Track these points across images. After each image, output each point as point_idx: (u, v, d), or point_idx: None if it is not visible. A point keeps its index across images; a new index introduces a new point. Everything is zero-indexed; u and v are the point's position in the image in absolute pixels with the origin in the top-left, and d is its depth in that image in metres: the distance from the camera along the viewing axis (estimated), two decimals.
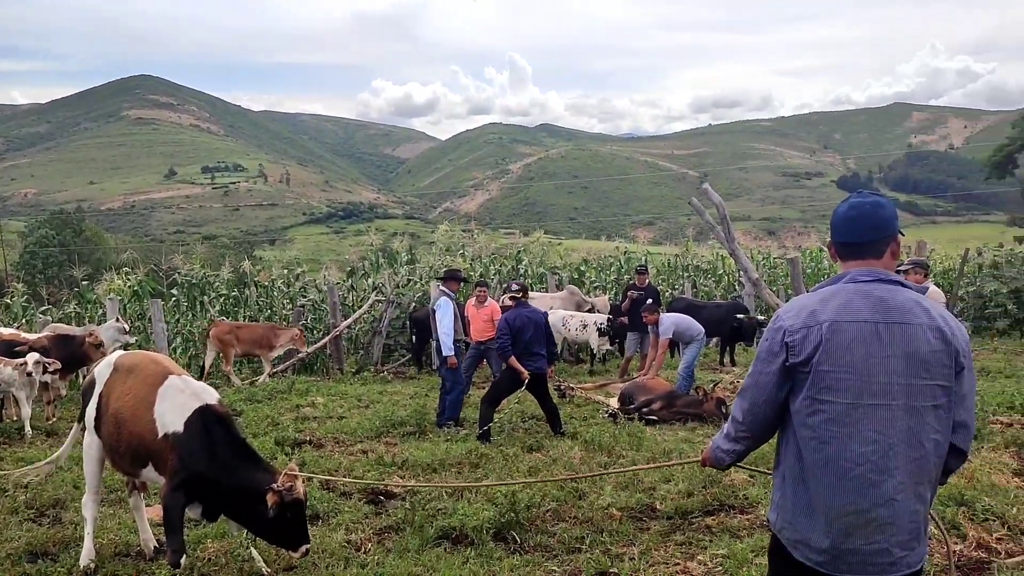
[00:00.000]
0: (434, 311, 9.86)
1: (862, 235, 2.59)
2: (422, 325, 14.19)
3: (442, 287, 10.01)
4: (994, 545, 5.00)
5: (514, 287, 9.19)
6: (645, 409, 9.52)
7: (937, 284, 18.91)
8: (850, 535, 2.45)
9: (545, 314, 9.11)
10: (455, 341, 9.56)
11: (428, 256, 20.50)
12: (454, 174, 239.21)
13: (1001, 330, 17.48)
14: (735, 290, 20.26)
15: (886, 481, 2.43)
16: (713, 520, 5.66)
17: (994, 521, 5.39)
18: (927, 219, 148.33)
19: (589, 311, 15.01)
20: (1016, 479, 6.41)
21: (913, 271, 7.84)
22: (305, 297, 17.55)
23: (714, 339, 15.05)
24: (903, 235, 2.69)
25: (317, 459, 7.56)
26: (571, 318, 14.41)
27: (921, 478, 2.48)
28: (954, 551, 4.87)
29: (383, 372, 14.53)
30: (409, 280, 18.04)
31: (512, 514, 5.47)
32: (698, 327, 10.79)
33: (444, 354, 9.45)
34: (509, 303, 9.21)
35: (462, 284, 10.80)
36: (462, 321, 10.22)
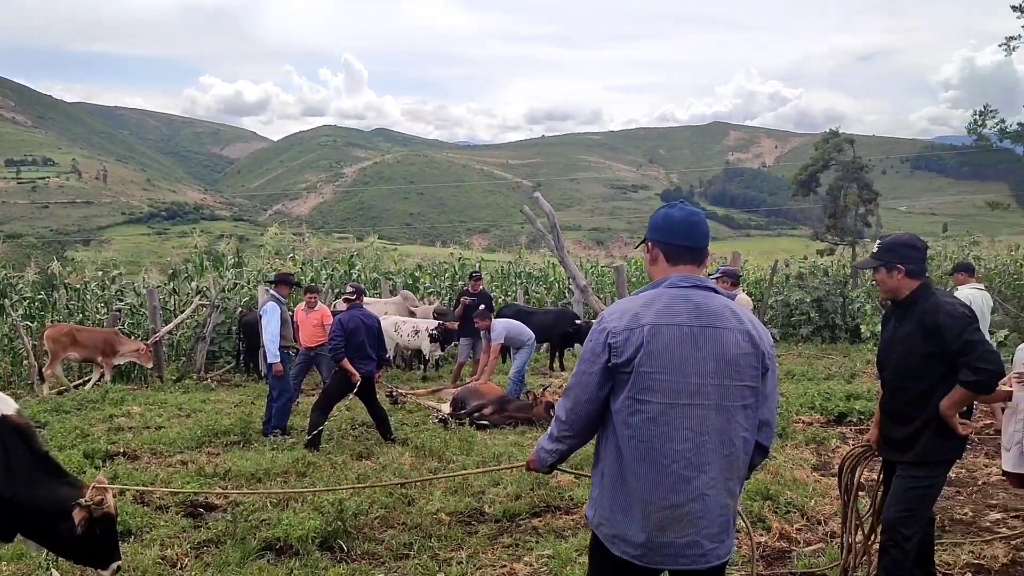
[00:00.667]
0: (261, 316, 9.54)
1: (699, 241, 2.71)
2: (249, 330, 13.69)
3: (271, 291, 9.69)
4: (794, 535, 5.37)
5: (349, 289, 9.07)
6: (477, 414, 9.60)
7: (749, 293, 20.23)
8: (665, 529, 2.55)
9: (377, 319, 9.01)
10: (283, 347, 9.27)
11: (256, 259, 19.83)
12: (286, 176, 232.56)
13: (805, 336, 18.85)
14: (565, 297, 20.80)
15: (699, 477, 2.55)
16: (540, 521, 5.76)
17: (795, 513, 5.80)
18: (742, 232, 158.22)
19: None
20: (815, 473, 6.91)
21: (722, 280, 8.32)
22: (122, 301, 16.52)
23: (544, 344, 15.39)
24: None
25: (131, 472, 7.10)
26: (403, 324, 14.33)
27: (731, 474, 2.61)
28: (758, 543, 5.20)
29: (206, 379, 13.88)
30: (236, 284, 17.36)
31: (339, 522, 5.36)
32: (529, 333, 11.00)
33: (269, 361, 9.14)
34: (343, 306, 9.07)
35: (292, 289, 10.50)
36: (292, 327, 9.93)
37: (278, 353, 9.11)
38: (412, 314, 15.39)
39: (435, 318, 14.37)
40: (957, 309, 3.77)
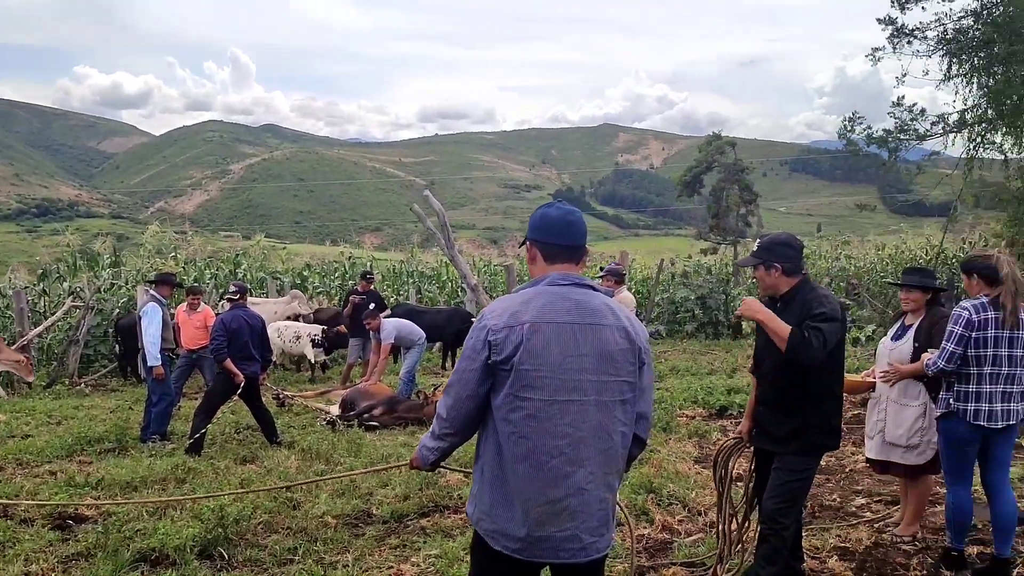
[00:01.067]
0: (140, 317, 9.16)
1: (576, 239, 2.76)
2: (128, 333, 13.11)
3: (152, 292, 9.32)
4: (676, 527, 5.54)
5: (232, 288, 8.83)
6: (366, 415, 9.50)
7: (637, 291, 20.72)
8: (544, 523, 2.59)
9: (261, 318, 8.79)
10: (164, 350, 8.94)
11: (135, 259, 19.01)
12: (169, 172, 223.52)
13: (690, 332, 19.44)
14: (458, 296, 20.82)
15: (577, 472, 2.60)
16: (428, 521, 5.75)
17: (677, 504, 5.98)
18: (631, 232, 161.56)
19: (296, 318, 14.70)
20: (697, 466, 7.14)
21: (607, 278, 8.51)
22: None
23: (437, 343, 15.35)
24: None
25: None
26: (285, 329, 14.06)
27: (610, 468, 2.68)
28: (641, 535, 5.34)
29: (80, 385, 13.25)
30: (113, 284, 16.61)
31: (220, 529, 5.20)
32: (419, 332, 10.95)
33: (150, 364, 8.79)
34: (227, 305, 8.81)
35: (174, 290, 10.12)
36: (172, 328, 9.58)
37: (159, 356, 8.78)
38: (299, 315, 15.10)
39: (322, 323, 14.15)
40: (830, 302, 3.97)
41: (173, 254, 19.58)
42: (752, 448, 4.44)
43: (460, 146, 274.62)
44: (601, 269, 9.54)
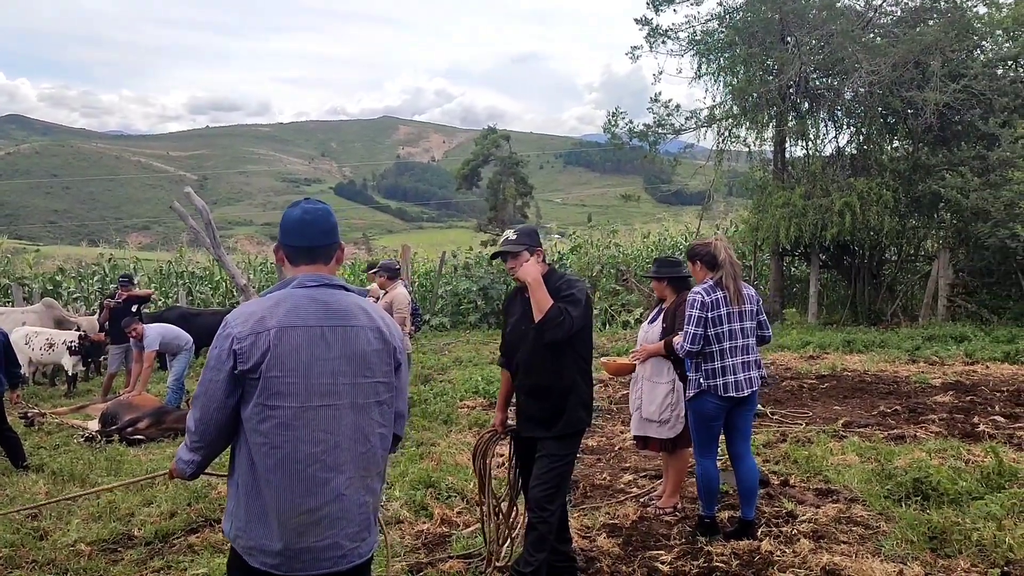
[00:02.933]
0: None
1: (316, 239, 2.65)
2: None
3: None
4: (455, 519, 5.58)
5: None
6: (130, 428, 8.85)
7: (421, 284, 20.78)
8: (303, 534, 2.49)
9: (4, 332, 7.87)
10: None
11: None
12: None
13: (473, 323, 19.77)
14: (234, 296, 19.90)
15: (335, 478, 2.52)
16: (197, 538, 5.42)
17: (456, 497, 6.03)
18: (415, 225, 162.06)
19: (77, 330, 13.45)
20: None
21: (379, 274, 8.46)
22: None
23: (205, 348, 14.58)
24: (342, 245, 2.83)
25: None
26: (35, 336, 12.77)
27: (369, 471, 2.61)
28: (420, 531, 5.33)
29: None
30: None
31: None
32: (186, 336, 10.34)
33: None
34: None
35: None
36: None
37: None
38: (60, 324, 13.81)
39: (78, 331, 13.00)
40: (578, 285, 4.19)
41: None
42: (509, 439, 4.56)
43: (234, 139, 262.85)
44: (371, 266, 9.47)
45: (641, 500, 5.89)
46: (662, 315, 5.50)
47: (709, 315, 4.71)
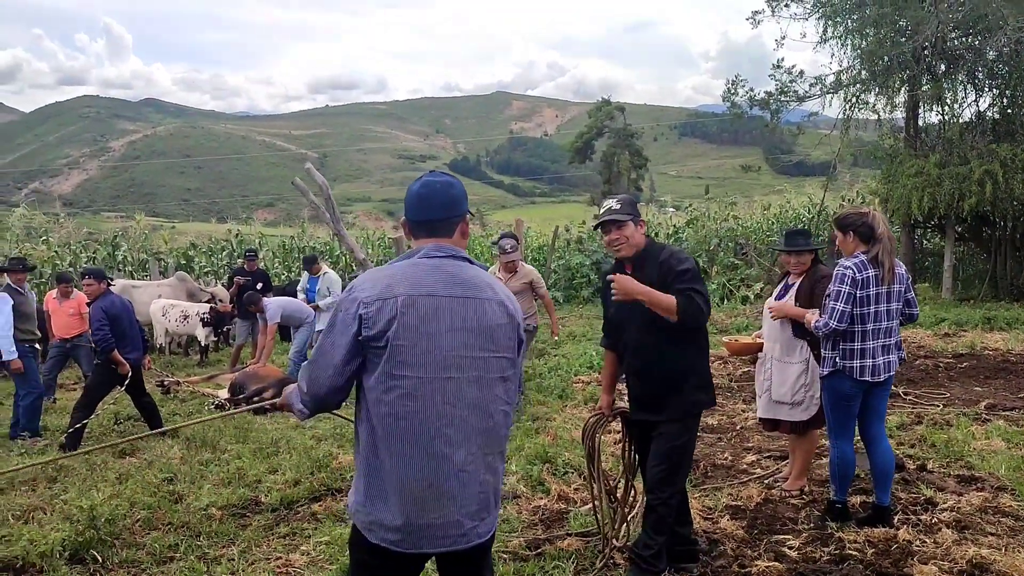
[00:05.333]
0: None
1: (433, 213, 2.59)
2: None
3: (9, 280, 8.70)
4: (572, 496, 5.51)
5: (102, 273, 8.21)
6: (256, 398, 9.18)
7: (534, 259, 20.76)
8: (423, 509, 2.44)
9: (129, 303, 8.26)
10: (24, 341, 8.33)
11: (1, 243, 17.86)
12: (43, 151, 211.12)
13: (586, 298, 19.62)
14: (353, 271, 20.40)
15: (457, 453, 2.46)
16: (319, 506, 5.55)
17: (572, 473, 5.96)
18: (527, 200, 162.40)
19: (209, 301, 14.09)
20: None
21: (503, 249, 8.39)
22: None
23: None
24: (472, 215, 2.77)
25: None
26: (172, 308, 13.42)
27: (491, 448, 2.54)
28: (536, 506, 5.29)
29: None
30: None
31: (92, 531, 4.88)
32: (307, 309, 10.63)
33: (4, 358, 8.12)
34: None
35: (28, 274, 9.45)
36: (36, 318, 8.98)
37: (14, 349, 8.13)
38: (192, 297, 14.48)
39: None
40: (684, 253, 3.99)
41: (44, 238, 18.46)
42: (619, 419, 4.43)
43: (352, 117, 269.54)
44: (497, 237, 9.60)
45: (766, 482, 5.66)
46: (794, 290, 5.16)
47: (858, 293, 4.37)
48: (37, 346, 8.93)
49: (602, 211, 4.23)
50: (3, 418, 8.66)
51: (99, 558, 4.74)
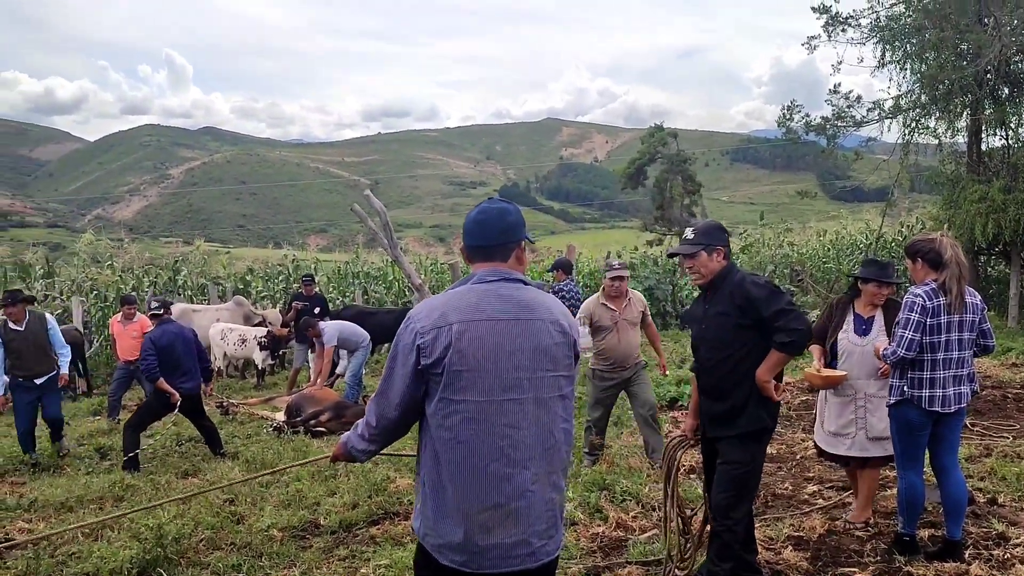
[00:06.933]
0: None
1: (489, 239, 2.65)
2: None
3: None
4: (631, 523, 5.46)
5: (153, 304, 8.37)
6: (313, 421, 9.29)
7: (585, 285, 20.73)
8: (490, 531, 2.47)
9: (193, 331, 8.45)
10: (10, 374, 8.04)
11: (70, 268, 18.41)
12: (106, 178, 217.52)
13: None
14: (406, 296, 20.57)
15: (521, 473, 2.49)
16: (378, 530, 5.59)
17: (631, 500, 5.90)
18: (577, 225, 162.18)
19: (260, 324, 14.37)
20: (649, 460, 7.07)
21: (557, 272, 8.45)
22: None
23: (387, 344, 15.11)
24: (532, 241, 2.81)
25: None
26: (230, 332, 13.68)
27: (554, 467, 2.58)
28: (595, 533, 5.25)
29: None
30: (47, 296, 16.07)
31: (159, 549, 4.98)
32: (363, 334, 10.74)
33: None
34: (150, 323, 8.44)
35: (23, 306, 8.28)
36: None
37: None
38: (249, 320, 14.75)
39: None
40: (761, 279, 4.00)
41: (109, 262, 18.98)
42: (697, 447, 4.40)
43: (404, 144, 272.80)
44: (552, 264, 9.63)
45: (829, 513, 5.54)
46: (879, 324, 5.04)
47: (928, 321, 4.30)
48: (37, 380, 8.14)
49: (681, 238, 4.32)
50: (71, 438, 8.85)
51: None
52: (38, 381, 8.10)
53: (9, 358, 8.01)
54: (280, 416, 9.75)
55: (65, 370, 8.38)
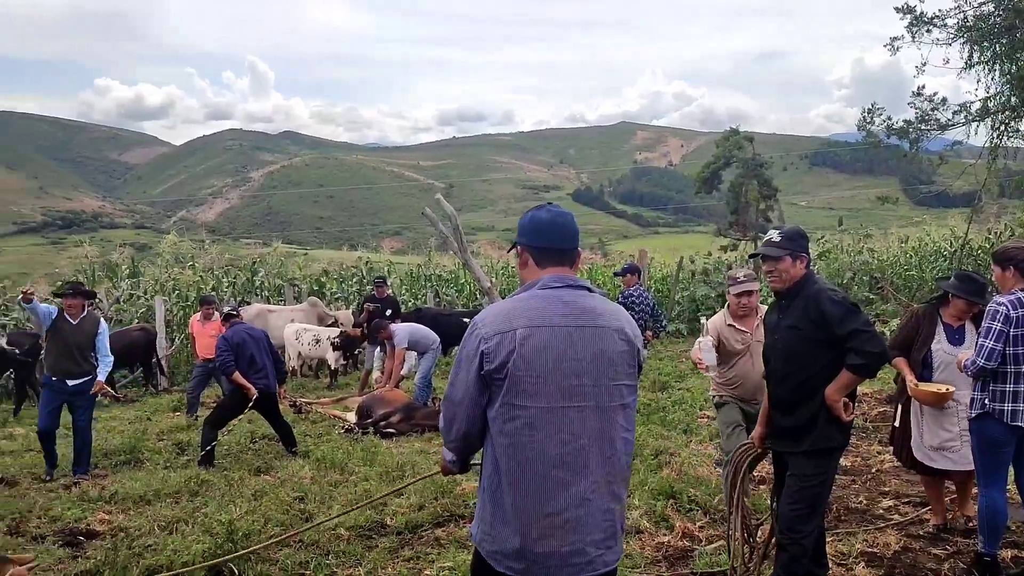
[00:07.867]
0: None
1: (568, 242, 2.64)
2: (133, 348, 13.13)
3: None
4: (697, 534, 5.38)
5: (226, 309, 8.76)
6: (383, 422, 9.41)
7: (657, 290, 20.53)
8: (547, 538, 2.45)
9: (263, 331, 8.73)
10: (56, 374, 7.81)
11: (154, 268, 19.08)
12: (190, 181, 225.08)
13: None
14: (477, 299, 20.68)
15: (580, 482, 2.47)
16: (443, 532, 5.63)
17: (698, 511, 5.82)
18: (651, 230, 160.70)
19: (332, 325, 14.65)
20: (718, 469, 6.93)
21: (628, 276, 8.41)
22: (7, 316, 15.65)
23: (455, 348, 15.22)
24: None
25: (6, 499, 6.68)
26: (304, 332, 13.96)
27: (614, 476, 2.55)
28: (660, 543, 5.18)
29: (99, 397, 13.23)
30: (131, 295, 16.69)
31: (230, 544, 5.11)
32: (433, 336, 10.83)
33: None
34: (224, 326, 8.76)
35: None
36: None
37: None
38: (322, 321, 15.04)
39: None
40: (839, 295, 3.87)
41: (191, 263, 19.60)
42: (771, 454, 4.30)
43: (478, 148, 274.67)
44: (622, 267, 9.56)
45: (905, 529, 5.36)
46: (972, 333, 4.87)
47: (1011, 332, 4.13)
48: (70, 381, 7.76)
49: (764, 240, 4.20)
50: (152, 433, 9.15)
51: (236, 571, 4.94)
52: (70, 383, 7.68)
53: (48, 357, 7.89)
54: (351, 417, 9.91)
55: (103, 377, 7.96)
